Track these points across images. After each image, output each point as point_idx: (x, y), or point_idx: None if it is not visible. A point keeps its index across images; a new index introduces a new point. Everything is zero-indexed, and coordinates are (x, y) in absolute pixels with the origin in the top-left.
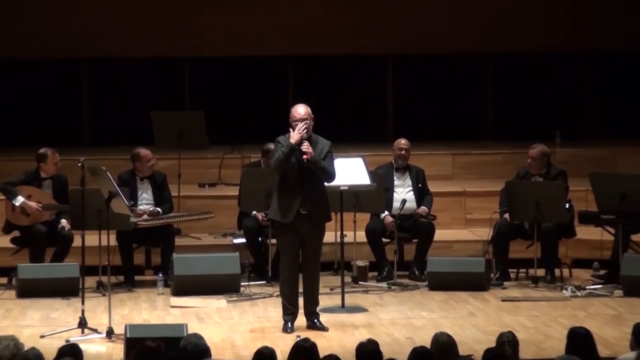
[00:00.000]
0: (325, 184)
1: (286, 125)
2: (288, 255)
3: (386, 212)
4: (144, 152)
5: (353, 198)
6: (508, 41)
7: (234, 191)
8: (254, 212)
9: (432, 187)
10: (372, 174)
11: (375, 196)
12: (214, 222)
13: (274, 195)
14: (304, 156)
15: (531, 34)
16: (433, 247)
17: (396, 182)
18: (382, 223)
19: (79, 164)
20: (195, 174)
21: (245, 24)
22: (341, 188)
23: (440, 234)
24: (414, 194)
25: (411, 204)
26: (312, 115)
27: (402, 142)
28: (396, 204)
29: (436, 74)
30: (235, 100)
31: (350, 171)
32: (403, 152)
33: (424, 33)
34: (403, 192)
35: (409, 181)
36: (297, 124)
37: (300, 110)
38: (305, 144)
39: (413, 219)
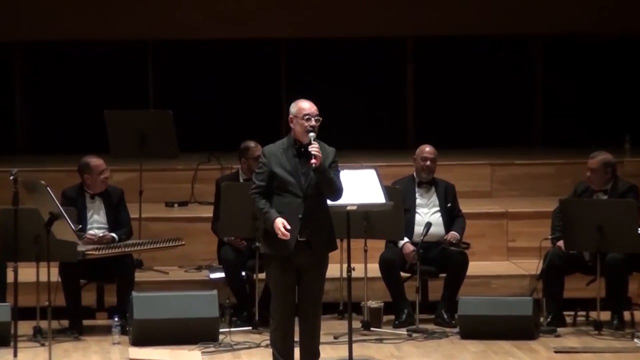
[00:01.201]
0: (329, 202)
1: (277, 126)
2: (281, 293)
3: (406, 239)
4: (95, 162)
5: (364, 221)
6: (561, 20)
7: (211, 211)
8: (228, 239)
9: (465, 206)
10: (387, 190)
11: (391, 218)
12: (186, 251)
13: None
14: (312, 161)
15: (590, 10)
16: (466, 283)
17: (419, 201)
18: (400, 253)
19: (11, 177)
20: (161, 189)
21: None
22: (348, 208)
23: (475, 267)
24: (442, 215)
25: (438, 228)
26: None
27: (427, 149)
28: (418, 229)
29: (470, 61)
30: (212, 96)
31: (360, 186)
32: (428, 162)
33: (453, 9)
34: (428, 214)
35: (435, 199)
36: (305, 120)
37: (307, 104)
38: (315, 145)
39: (440, 248)
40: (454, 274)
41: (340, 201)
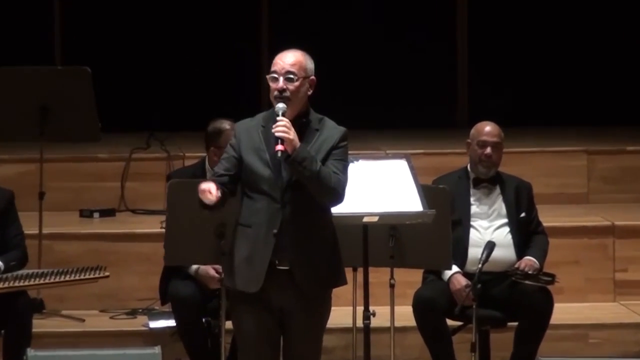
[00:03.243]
0: (332, 210)
1: (255, 93)
2: (254, 351)
3: (455, 269)
4: None
5: (389, 240)
6: None
7: (152, 225)
8: (195, 268)
9: (548, 218)
10: (427, 192)
11: (433, 237)
12: (112, 286)
13: (231, 234)
14: (278, 147)
15: None
16: (549, 337)
17: (475, 209)
18: (446, 290)
19: None
20: (73, 191)
21: None
22: (366, 220)
23: (563, 311)
24: (511, 231)
25: (505, 251)
26: (312, 74)
27: (487, 129)
28: (475, 252)
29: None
30: (154, 48)
31: (383, 186)
32: (488, 149)
33: None
34: (489, 229)
35: (500, 206)
36: (272, 80)
37: (286, 57)
38: (282, 123)
39: (509, 282)
40: (530, 323)
41: (354, 209)
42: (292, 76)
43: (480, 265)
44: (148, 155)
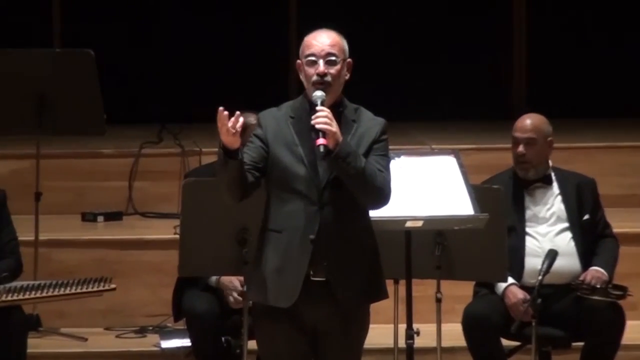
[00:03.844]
0: (371, 214)
1: (284, 83)
2: None
3: (511, 281)
4: None
5: (435, 248)
6: None
7: (164, 230)
8: (216, 278)
9: (617, 222)
10: (478, 193)
11: (485, 243)
12: (118, 301)
13: (256, 240)
14: (319, 141)
15: None
16: (620, 359)
17: (530, 212)
18: (501, 305)
19: None
20: (74, 191)
21: None
22: (408, 225)
23: (636, 330)
24: (574, 237)
25: (568, 260)
26: (347, 55)
27: (521, 124)
28: (533, 263)
29: None
30: (167, 33)
31: (429, 185)
32: (520, 147)
33: None
34: (547, 235)
35: (559, 207)
36: (308, 65)
37: (322, 38)
38: (323, 114)
39: (574, 297)
40: (598, 343)
41: (396, 212)
42: (333, 58)
43: (540, 277)
44: (160, 150)
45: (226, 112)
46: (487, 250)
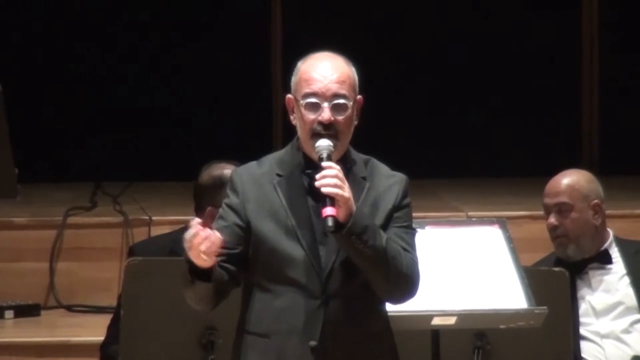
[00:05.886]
0: (391, 309)
1: (268, 126)
2: None
3: None
4: None
5: (474, 354)
6: None
7: (98, 331)
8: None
9: None
10: (532, 278)
11: (543, 347)
12: None
13: (231, 349)
14: (327, 210)
15: None
16: None
17: (585, 306)
18: None
19: None
20: None
21: None
22: (436, 322)
23: None
24: None
25: None
26: (357, 92)
27: (550, 184)
28: None
29: None
30: (98, 56)
31: (464, 268)
32: (551, 217)
33: None
34: (612, 333)
35: (628, 294)
36: (307, 108)
37: (327, 70)
38: (332, 172)
39: None
40: None
41: (419, 305)
42: (343, 101)
43: None
44: (93, 219)
45: (203, 231)
46: (545, 358)
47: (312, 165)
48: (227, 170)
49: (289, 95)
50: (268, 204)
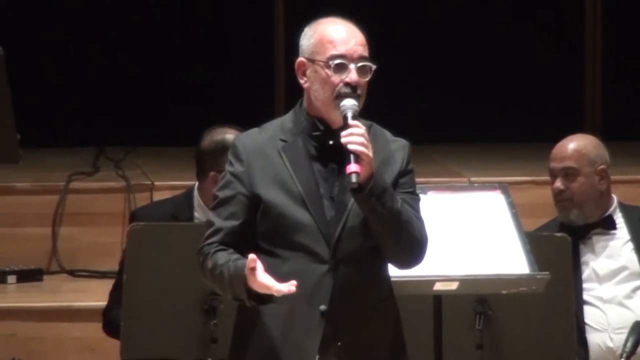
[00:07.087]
0: (395, 274)
1: (269, 94)
2: None
3: None
4: None
5: (476, 319)
6: None
7: (100, 296)
8: None
9: None
10: (534, 243)
11: (544, 313)
12: None
13: (235, 315)
14: (351, 167)
15: None
16: None
17: (588, 269)
18: None
19: None
20: None
21: None
22: (438, 287)
23: None
24: None
25: None
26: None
27: (557, 149)
28: (600, 339)
29: None
30: (100, 23)
31: (465, 233)
32: (557, 181)
33: None
34: (615, 299)
35: (631, 260)
36: (334, 69)
37: (349, 33)
38: (359, 131)
39: None
40: None
41: (421, 271)
42: (368, 63)
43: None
44: (96, 184)
45: (263, 278)
46: (547, 323)
47: (326, 127)
48: (229, 135)
49: (300, 58)
50: (273, 170)
